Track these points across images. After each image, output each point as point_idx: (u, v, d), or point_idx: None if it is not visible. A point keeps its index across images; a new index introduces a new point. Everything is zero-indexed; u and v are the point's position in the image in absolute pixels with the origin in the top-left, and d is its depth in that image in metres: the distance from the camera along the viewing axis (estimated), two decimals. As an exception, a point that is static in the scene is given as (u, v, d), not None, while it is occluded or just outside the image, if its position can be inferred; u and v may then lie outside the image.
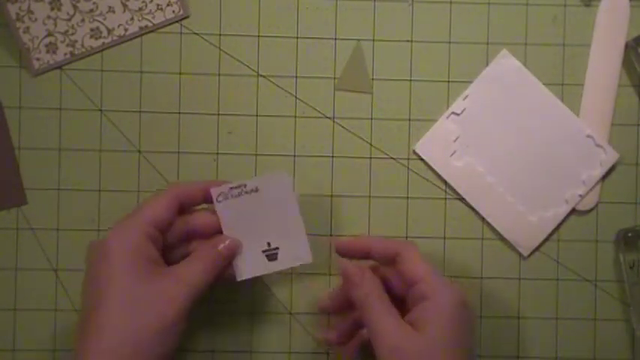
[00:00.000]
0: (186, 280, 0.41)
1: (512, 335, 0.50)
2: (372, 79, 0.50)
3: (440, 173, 0.50)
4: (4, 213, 0.49)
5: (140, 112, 0.50)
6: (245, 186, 0.45)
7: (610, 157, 0.50)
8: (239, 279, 0.45)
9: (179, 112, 0.50)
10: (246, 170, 0.50)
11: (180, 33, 0.50)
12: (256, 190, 0.45)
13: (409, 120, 0.50)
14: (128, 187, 0.49)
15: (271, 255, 0.46)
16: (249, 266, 0.45)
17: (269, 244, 0.47)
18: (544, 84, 0.50)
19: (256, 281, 0.49)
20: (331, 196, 0.50)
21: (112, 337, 0.39)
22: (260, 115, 0.50)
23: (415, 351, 0.39)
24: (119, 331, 0.39)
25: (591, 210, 0.50)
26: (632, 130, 0.50)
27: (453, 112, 0.50)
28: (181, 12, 0.49)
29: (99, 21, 0.49)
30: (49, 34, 0.49)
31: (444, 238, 0.50)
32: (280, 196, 0.46)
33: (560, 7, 0.50)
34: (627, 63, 0.50)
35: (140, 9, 0.49)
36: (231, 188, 0.44)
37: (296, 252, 0.45)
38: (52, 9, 0.49)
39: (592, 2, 0.50)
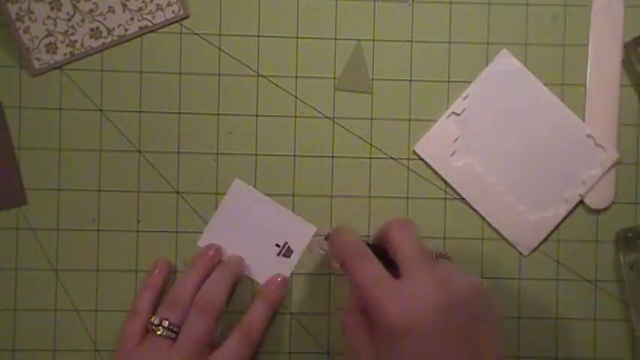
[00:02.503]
0: None
1: (513, 335, 0.50)
2: (372, 79, 0.50)
3: (440, 173, 0.50)
4: (4, 213, 0.49)
5: (140, 112, 0.50)
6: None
7: (610, 157, 0.50)
8: None
9: (179, 112, 0.50)
10: (246, 170, 0.50)
11: (181, 33, 0.50)
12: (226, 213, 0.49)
13: (409, 120, 0.50)
14: (128, 187, 0.49)
15: (287, 251, 0.48)
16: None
17: (277, 244, 0.48)
18: (544, 84, 0.50)
19: (255, 282, 0.49)
20: (331, 196, 0.50)
21: None
22: (260, 115, 0.50)
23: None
24: None
25: (606, 209, 0.50)
26: (632, 130, 0.50)
27: (453, 112, 0.50)
28: (181, 12, 0.49)
29: (99, 21, 0.49)
30: (49, 34, 0.49)
31: (444, 238, 0.50)
32: (246, 200, 0.48)
33: (560, 7, 0.50)
34: (627, 63, 0.50)
35: (140, 9, 0.49)
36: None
37: (300, 232, 0.45)
38: (52, 9, 0.49)
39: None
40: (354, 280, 0.39)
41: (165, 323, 0.45)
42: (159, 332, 0.45)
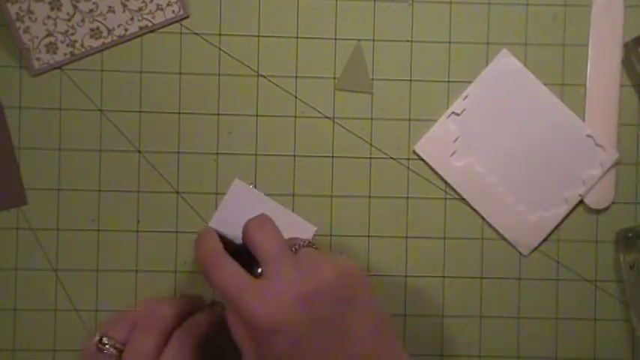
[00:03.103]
0: None
1: (512, 335, 0.50)
2: (372, 79, 0.50)
3: (440, 173, 0.50)
4: (4, 213, 0.49)
5: (140, 112, 0.50)
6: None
7: (610, 157, 0.50)
8: None
9: (179, 112, 0.50)
10: (246, 170, 0.50)
11: (181, 33, 0.50)
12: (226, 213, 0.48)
13: (409, 120, 0.50)
14: (128, 187, 0.49)
15: None
16: None
17: None
18: (544, 84, 0.50)
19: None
20: (331, 196, 0.50)
21: None
22: (260, 115, 0.50)
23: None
24: None
25: (606, 209, 0.50)
26: (632, 130, 0.50)
27: (453, 112, 0.50)
28: (181, 12, 0.49)
29: (99, 21, 0.49)
30: (49, 34, 0.49)
31: (444, 238, 0.50)
32: (246, 200, 0.48)
33: (560, 7, 0.50)
34: (627, 63, 0.50)
35: (140, 9, 0.49)
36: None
37: (300, 232, 0.46)
38: (52, 9, 0.49)
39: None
40: (215, 288, 0.39)
41: (105, 340, 0.43)
42: (104, 350, 0.43)
